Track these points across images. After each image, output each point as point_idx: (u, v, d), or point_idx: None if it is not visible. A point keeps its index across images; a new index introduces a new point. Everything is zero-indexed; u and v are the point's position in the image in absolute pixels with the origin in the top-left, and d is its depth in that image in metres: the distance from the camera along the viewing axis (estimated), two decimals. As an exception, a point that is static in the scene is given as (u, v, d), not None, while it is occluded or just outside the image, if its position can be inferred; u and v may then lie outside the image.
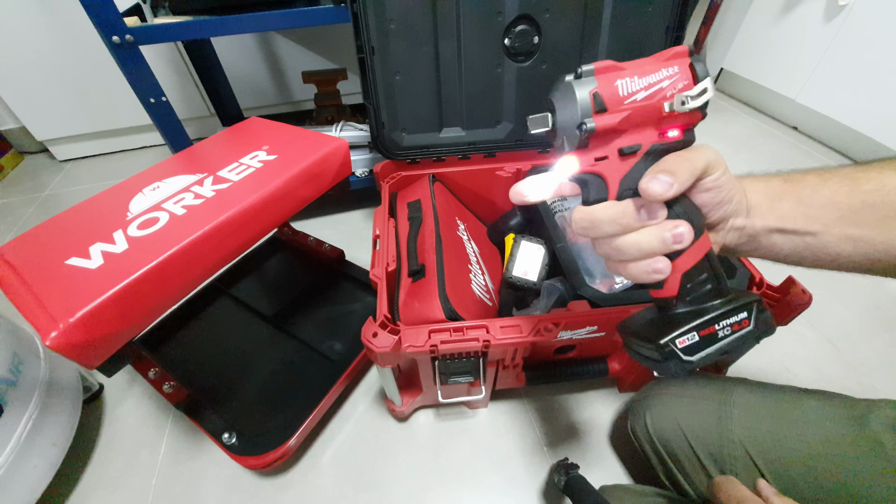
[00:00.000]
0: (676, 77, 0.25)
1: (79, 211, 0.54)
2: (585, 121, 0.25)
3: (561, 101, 0.27)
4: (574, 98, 0.25)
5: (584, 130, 0.25)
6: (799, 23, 1.21)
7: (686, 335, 0.26)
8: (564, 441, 0.62)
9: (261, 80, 1.35)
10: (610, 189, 0.27)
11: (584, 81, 0.25)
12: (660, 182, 0.24)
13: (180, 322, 0.75)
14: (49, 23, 1.13)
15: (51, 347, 0.38)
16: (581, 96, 0.25)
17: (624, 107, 0.25)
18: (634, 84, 0.25)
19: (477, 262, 0.67)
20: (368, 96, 0.67)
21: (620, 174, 0.26)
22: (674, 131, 0.26)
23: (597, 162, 0.26)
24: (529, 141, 0.74)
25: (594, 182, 0.27)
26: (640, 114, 0.25)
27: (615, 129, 0.25)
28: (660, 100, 0.25)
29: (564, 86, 0.26)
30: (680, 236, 0.25)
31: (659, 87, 0.25)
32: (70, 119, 1.32)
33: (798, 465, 0.39)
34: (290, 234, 0.90)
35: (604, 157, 0.26)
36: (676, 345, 0.26)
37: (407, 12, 0.62)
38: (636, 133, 0.26)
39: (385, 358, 0.47)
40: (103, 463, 0.63)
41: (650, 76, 0.25)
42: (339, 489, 0.59)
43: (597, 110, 0.25)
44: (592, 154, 0.26)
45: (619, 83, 0.25)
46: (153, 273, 0.44)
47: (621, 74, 0.25)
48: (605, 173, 0.27)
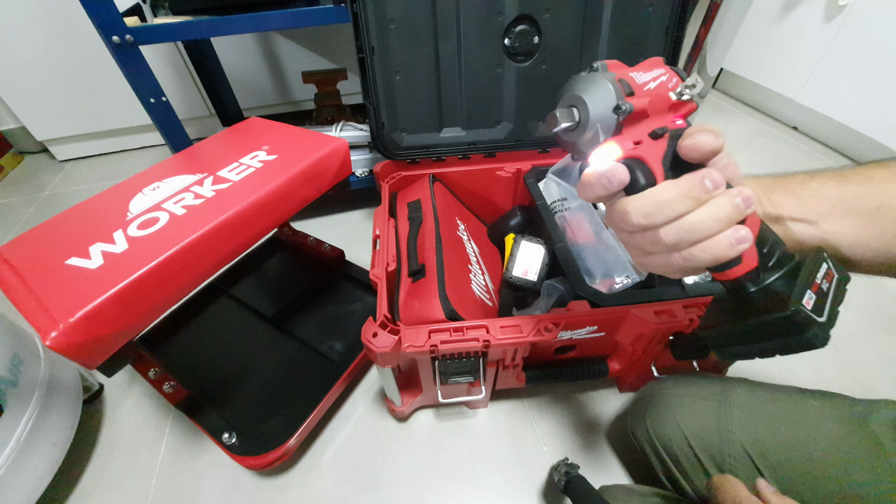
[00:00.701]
0: (668, 74, 0.28)
1: (79, 211, 0.54)
2: (621, 103, 0.26)
3: (590, 92, 0.27)
4: (606, 85, 0.27)
5: (624, 111, 0.26)
6: (799, 23, 1.21)
7: (804, 296, 0.23)
8: (564, 441, 0.62)
9: (261, 80, 1.35)
10: (655, 171, 0.26)
11: (604, 73, 0.27)
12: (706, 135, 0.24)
13: (180, 322, 0.75)
14: (49, 23, 1.13)
15: (51, 347, 0.38)
16: (611, 81, 0.27)
17: (644, 93, 0.27)
18: (643, 77, 0.28)
19: (477, 262, 0.67)
20: (368, 96, 0.67)
21: (660, 154, 0.26)
22: (681, 120, 0.28)
23: (636, 146, 0.27)
24: (529, 141, 0.74)
25: (639, 166, 0.26)
26: (657, 100, 0.27)
27: (644, 112, 0.27)
28: (666, 90, 0.27)
29: (587, 78, 0.28)
30: (749, 198, 0.23)
31: (661, 80, 0.28)
32: (70, 119, 1.32)
33: (798, 466, 0.38)
34: (290, 234, 0.90)
35: (639, 140, 0.27)
36: (806, 308, 0.23)
37: (407, 12, 0.62)
38: (659, 118, 0.27)
39: (385, 358, 0.47)
40: (103, 463, 0.63)
41: (651, 72, 0.28)
42: (339, 489, 0.59)
43: (627, 93, 0.26)
44: (629, 138, 0.27)
45: (632, 74, 0.27)
46: (153, 273, 0.44)
47: (628, 70, 0.28)
48: (646, 156, 0.26)
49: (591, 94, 0.27)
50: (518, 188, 0.78)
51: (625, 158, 0.27)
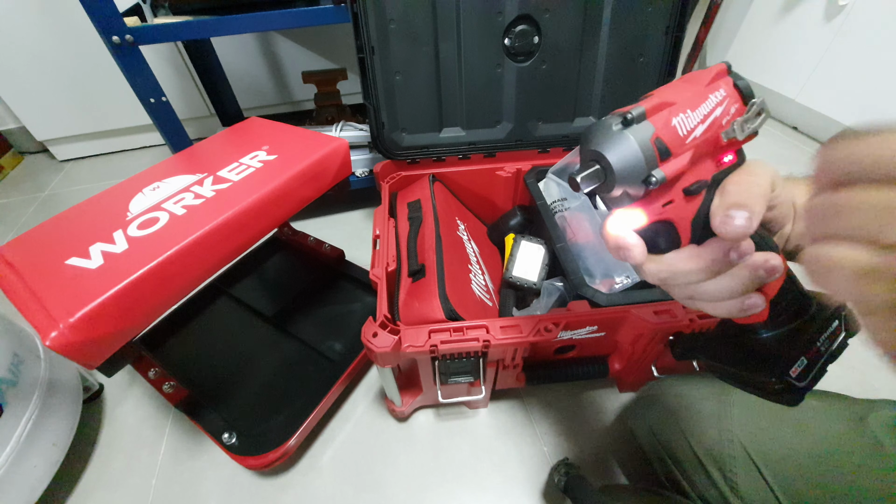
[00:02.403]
0: (727, 101, 0.23)
1: (79, 211, 0.54)
2: (653, 173, 0.21)
3: (615, 153, 0.22)
4: (635, 149, 0.22)
5: (655, 182, 0.22)
6: (799, 23, 1.21)
7: (796, 364, 0.25)
8: (564, 441, 0.62)
9: (261, 80, 1.35)
10: (682, 234, 0.24)
11: (638, 128, 0.22)
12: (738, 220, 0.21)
13: (180, 322, 0.75)
14: (49, 23, 1.13)
15: (51, 347, 0.38)
16: (643, 146, 0.21)
17: (686, 146, 0.22)
18: (691, 120, 0.22)
19: (477, 262, 0.67)
20: (368, 96, 0.67)
21: (690, 215, 0.23)
22: (728, 156, 0.24)
23: (664, 208, 0.23)
24: (529, 141, 0.74)
25: (664, 230, 0.24)
26: (702, 149, 0.23)
27: (681, 173, 0.23)
28: (718, 130, 0.23)
29: (616, 136, 0.22)
30: (773, 269, 0.22)
31: (713, 117, 0.22)
32: (70, 119, 1.32)
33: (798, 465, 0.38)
34: (290, 234, 0.90)
35: (669, 201, 0.23)
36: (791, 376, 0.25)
37: (407, 12, 0.62)
38: (698, 169, 0.23)
39: (385, 358, 0.47)
40: (103, 463, 0.63)
41: (702, 107, 0.22)
42: (339, 489, 0.59)
43: (662, 158, 0.22)
44: (658, 202, 0.23)
45: (675, 122, 0.22)
46: (153, 273, 0.44)
47: (674, 111, 0.22)
48: (674, 218, 0.24)
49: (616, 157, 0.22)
50: (518, 188, 0.78)
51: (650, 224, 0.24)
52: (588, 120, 0.74)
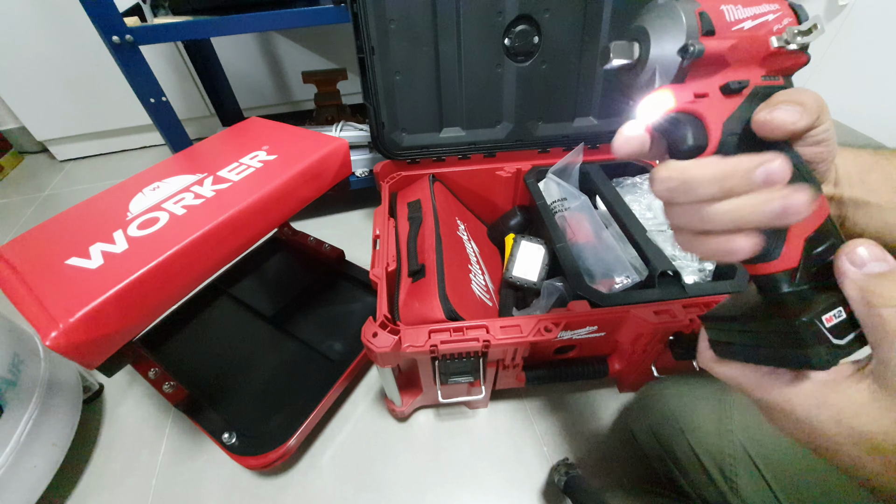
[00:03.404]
0: (780, 13, 0.22)
1: (79, 211, 0.54)
2: (692, 42, 0.21)
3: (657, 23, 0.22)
4: (678, 16, 0.21)
5: (692, 53, 0.21)
6: (799, 23, 1.21)
7: (832, 310, 0.20)
8: (564, 441, 0.62)
9: (261, 80, 1.35)
10: (711, 133, 0.22)
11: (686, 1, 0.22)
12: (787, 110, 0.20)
13: (180, 322, 0.75)
14: (49, 23, 1.13)
15: (51, 347, 0.38)
16: (687, 12, 0.21)
17: (732, 33, 0.21)
18: (740, 12, 0.22)
19: (477, 262, 0.67)
20: (368, 96, 0.67)
21: (724, 115, 0.22)
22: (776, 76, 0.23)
23: (696, 99, 0.22)
24: (529, 141, 0.74)
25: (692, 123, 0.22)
26: (747, 45, 0.22)
27: (721, 59, 0.22)
28: (767, 33, 0.22)
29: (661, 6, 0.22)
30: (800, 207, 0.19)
31: (764, 18, 0.22)
32: (70, 119, 1.32)
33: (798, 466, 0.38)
34: (290, 234, 0.90)
35: (703, 93, 0.22)
36: (824, 322, 0.20)
37: (407, 12, 0.62)
38: (741, 68, 0.22)
39: (385, 358, 0.47)
40: (103, 463, 0.63)
41: (755, 7, 0.22)
42: (339, 489, 0.59)
43: (704, 31, 0.21)
44: (691, 89, 0.22)
45: (724, 8, 0.21)
46: (153, 273, 0.44)
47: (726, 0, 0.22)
48: (705, 113, 0.22)
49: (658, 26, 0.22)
50: (518, 188, 0.78)
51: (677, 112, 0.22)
52: (588, 120, 0.74)
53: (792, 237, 0.21)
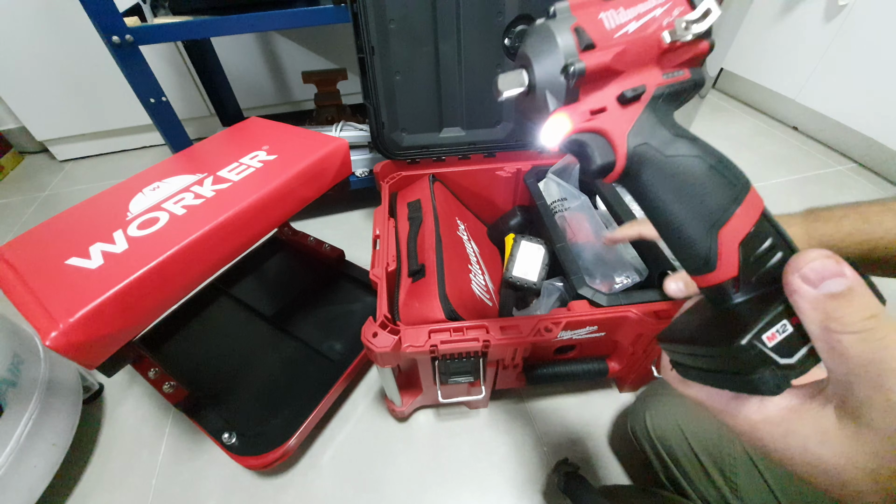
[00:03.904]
0: (669, 4, 0.21)
1: (79, 211, 0.54)
2: (571, 61, 0.20)
3: (536, 47, 0.21)
4: (553, 37, 0.20)
5: (573, 73, 0.20)
6: (799, 23, 1.21)
7: (774, 326, 0.18)
8: (564, 441, 0.62)
9: (261, 80, 1.35)
10: (617, 149, 0.21)
11: (561, 19, 0.21)
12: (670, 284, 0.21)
13: (180, 322, 0.75)
14: (49, 23, 1.13)
15: (51, 347, 0.38)
16: (561, 33, 0.20)
17: (615, 41, 0.20)
18: (622, 15, 0.20)
19: (477, 262, 0.66)
20: (368, 96, 0.67)
21: (626, 127, 0.21)
22: (679, 70, 0.22)
23: (593, 115, 0.21)
24: (529, 141, 0.74)
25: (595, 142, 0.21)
26: (637, 48, 0.20)
27: (609, 70, 0.21)
28: (657, 30, 0.20)
29: (537, 29, 0.22)
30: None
31: (651, 15, 0.20)
32: (70, 119, 1.32)
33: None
34: (290, 234, 0.90)
35: (601, 108, 0.21)
36: (765, 342, 0.18)
37: (407, 12, 0.62)
38: (636, 73, 0.21)
39: (385, 358, 0.47)
40: (103, 463, 0.63)
41: (639, 5, 0.21)
42: (339, 489, 0.59)
43: (583, 47, 0.20)
44: (586, 106, 0.21)
45: (602, 16, 0.20)
46: (153, 273, 0.44)
47: (604, 7, 0.21)
48: (607, 128, 0.21)
49: (538, 50, 0.21)
50: (518, 188, 0.78)
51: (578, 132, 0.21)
52: (588, 120, 0.74)
53: (724, 243, 0.20)
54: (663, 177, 0.21)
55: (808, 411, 0.18)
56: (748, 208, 0.20)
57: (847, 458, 0.17)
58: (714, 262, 0.20)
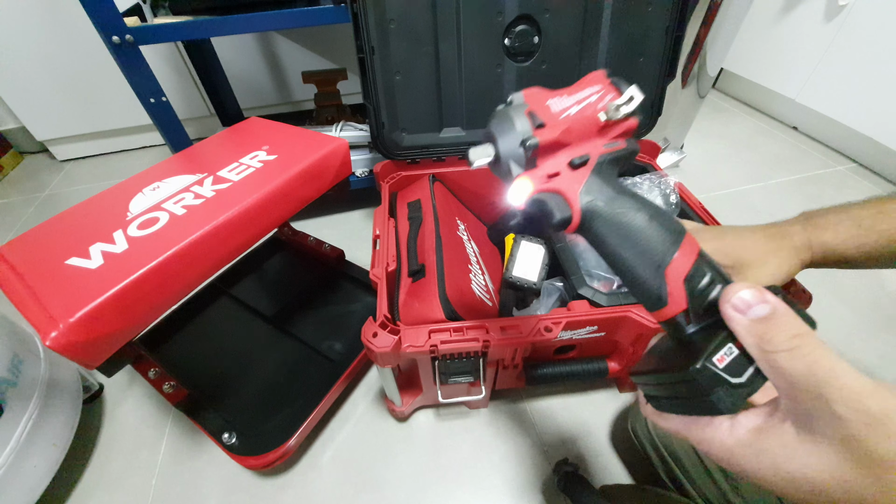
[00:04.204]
0: (602, 92, 0.27)
1: (79, 211, 0.54)
2: (526, 137, 0.25)
3: (500, 128, 0.27)
4: (511, 120, 0.26)
5: (528, 147, 0.25)
6: (799, 23, 1.21)
7: (722, 349, 0.20)
8: (564, 441, 0.62)
9: (261, 80, 1.35)
10: (572, 204, 0.26)
11: (517, 105, 0.27)
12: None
13: (180, 322, 0.75)
14: (49, 23, 1.13)
15: (51, 347, 0.38)
16: (518, 117, 0.26)
17: (561, 121, 0.26)
18: (564, 101, 0.27)
19: (477, 262, 0.66)
20: (368, 96, 0.67)
21: (577, 187, 0.26)
22: (615, 142, 0.27)
23: (550, 178, 0.26)
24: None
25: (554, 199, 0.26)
26: (579, 125, 0.26)
27: (559, 143, 0.26)
28: (594, 112, 0.26)
29: (499, 114, 0.27)
30: None
31: (589, 101, 0.26)
32: (70, 119, 1.32)
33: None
34: (290, 234, 0.90)
35: (555, 173, 0.26)
36: (716, 364, 0.20)
37: (407, 12, 0.62)
38: (581, 145, 0.26)
39: (385, 358, 0.47)
40: (103, 463, 0.63)
41: (577, 94, 0.27)
42: (339, 489, 0.59)
43: (535, 126, 0.26)
44: (543, 171, 0.26)
45: (549, 102, 0.27)
46: (153, 273, 0.44)
47: (550, 96, 0.27)
48: (562, 188, 0.26)
49: (500, 129, 0.27)
50: (518, 188, 0.78)
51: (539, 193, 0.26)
52: (588, 120, 0.74)
53: (671, 280, 0.23)
54: (612, 227, 0.25)
55: (770, 429, 0.20)
56: (686, 250, 0.23)
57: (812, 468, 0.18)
58: (665, 298, 0.23)
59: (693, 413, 0.22)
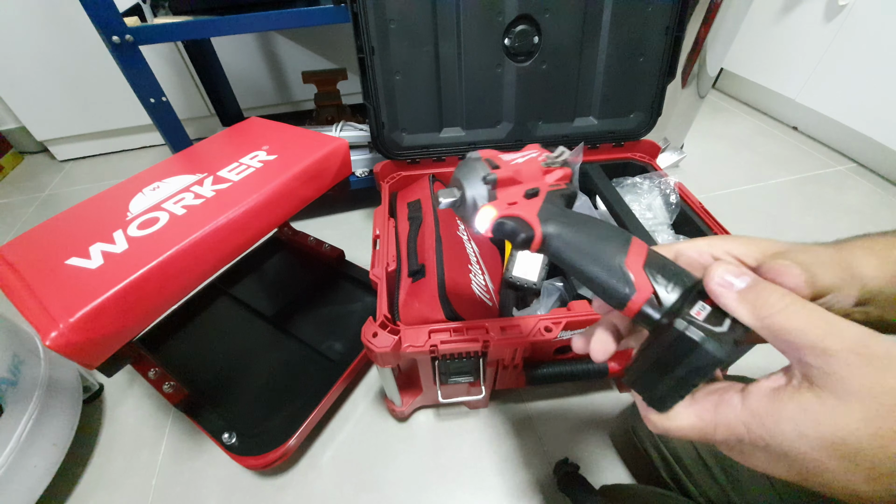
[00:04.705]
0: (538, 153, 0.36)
1: (79, 211, 0.54)
2: (486, 174, 0.32)
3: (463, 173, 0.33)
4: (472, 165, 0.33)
5: (489, 181, 0.32)
6: (799, 23, 1.21)
7: (694, 307, 0.22)
8: (564, 441, 0.62)
9: (261, 80, 1.35)
10: (532, 224, 0.30)
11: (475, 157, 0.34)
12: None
13: (180, 322, 0.75)
14: (49, 23, 1.13)
15: (51, 347, 0.38)
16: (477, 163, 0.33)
17: (511, 166, 0.33)
18: (511, 156, 0.35)
19: (477, 262, 0.66)
20: (368, 96, 0.67)
21: (534, 211, 0.30)
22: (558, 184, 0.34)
23: (510, 206, 0.31)
24: (529, 141, 0.74)
25: (517, 222, 0.30)
26: (527, 169, 0.33)
27: (513, 180, 0.33)
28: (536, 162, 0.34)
29: (461, 165, 0.34)
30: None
31: (529, 156, 0.35)
32: (70, 119, 1.32)
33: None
34: (290, 234, 0.90)
35: (514, 202, 0.32)
36: (695, 318, 0.22)
37: (407, 12, 0.62)
38: (532, 181, 0.33)
39: (385, 358, 0.47)
40: (103, 463, 0.63)
41: (521, 153, 0.36)
42: (339, 489, 0.59)
43: (493, 167, 0.33)
44: (503, 201, 0.32)
45: (500, 156, 0.35)
46: (153, 273, 0.44)
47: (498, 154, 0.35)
48: (521, 212, 0.31)
49: (465, 172, 0.33)
50: (518, 188, 0.78)
51: (502, 217, 0.31)
52: (588, 120, 0.74)
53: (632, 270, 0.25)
54: (569, 239, 0.28)
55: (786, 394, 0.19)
56: (636, 249, 0.26)
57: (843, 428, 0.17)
58: (633, 286, 0.24)
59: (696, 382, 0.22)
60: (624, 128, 0.73)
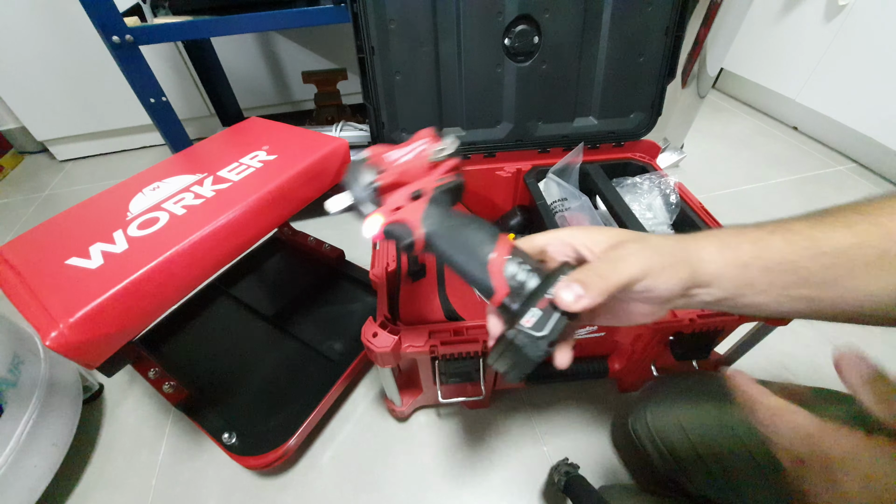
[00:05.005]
0: (429, 142, 0.35)
1: (79, 211, 0.54)
2: (369, 182, 0.33)
3: (350, 179, 0.34)
4: (357, 172, 0.34)
5: (372, 188, 0.33)
6: (799, 23, 1.21)
7: (527, 314, 0.26)
8: (564, 441, 0.62)
9: (261, 80, 1.35)
10: (414, 229, 0.32)
11: (362, 160, 0.35)
12: (571, 291, 0.25)
13: (180, 322, 0.75)
14: (49, 23, 1.13)
15: (51, 347, 0.38)
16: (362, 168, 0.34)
17: (396, 167, 0.34)
18: (398, 153, 0.35)
19: (477, 262, 0.66)
20: (368, 96, 0.67)
21: (418, 214, 0.32)
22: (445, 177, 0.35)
23: (395, 211, 0.32)
24: (529, 141, 0.74)
25: (401, 227, 0.32)
26: (413, 168, 0.34)
27: (398, 183, 0.33)
28: (423, 155, 0.34)
29: (348, 168, 0.35)
30: None
31: (419, 150, 0.35)
32: (70, 119, 1.32)
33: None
34: (290, 234, 0.90)
35: (400, 206, 0.33)
36: (524, 326, 0.26)
37: (407, 12, 0.62)
38: (418, 182, 0.34)
39: (385, 358, 0.47)
40: (103, 463, 0.63)
41: (408, 146, 0.35)
42: (339, 489, 0.59)
43: (378, 173, 0.33)
44: (389, 207, 0.33)
45: (385, 155, 0.35)
46: (153, 273, 0.44)
47: (389, 149, 0.35)
48: (405, 217, 0.32)
49: (350, 180, 0.34)
50: (518, 188, 0.78)
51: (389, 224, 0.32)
52: (588, 120, 0.74)
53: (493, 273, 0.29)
54: (447, 242, 0.31)
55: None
56: (501, 247, 0.30)
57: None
58: (493, 288, 0.29)
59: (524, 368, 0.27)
60: (624, 128, 0.73)
